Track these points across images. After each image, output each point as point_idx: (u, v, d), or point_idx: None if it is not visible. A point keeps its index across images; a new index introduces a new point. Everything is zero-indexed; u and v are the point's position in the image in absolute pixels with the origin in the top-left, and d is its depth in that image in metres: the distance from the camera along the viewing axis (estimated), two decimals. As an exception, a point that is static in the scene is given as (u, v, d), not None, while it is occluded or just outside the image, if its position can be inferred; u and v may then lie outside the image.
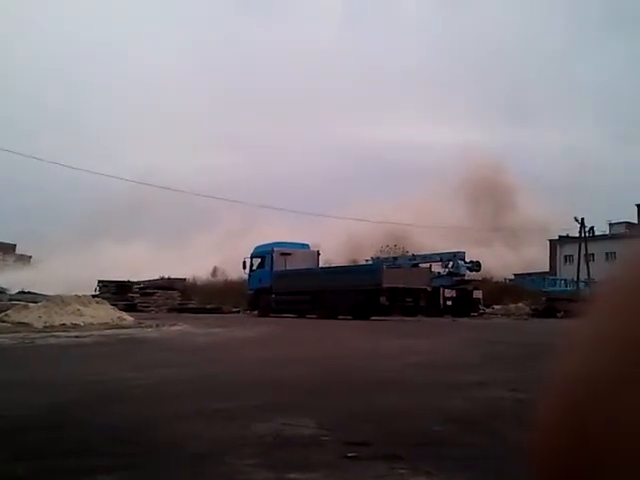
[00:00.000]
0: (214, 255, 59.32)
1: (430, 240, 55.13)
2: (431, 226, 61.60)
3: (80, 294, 23.13)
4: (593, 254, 70.22)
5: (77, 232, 64.31)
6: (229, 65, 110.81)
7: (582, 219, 64.59)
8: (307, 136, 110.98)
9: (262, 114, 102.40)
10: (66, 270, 50.94)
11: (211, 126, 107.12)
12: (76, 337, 15.36)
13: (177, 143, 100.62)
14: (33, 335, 15.52)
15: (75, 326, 18.43)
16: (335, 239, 56.17)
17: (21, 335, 15.46)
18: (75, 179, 73.08)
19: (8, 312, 19.43)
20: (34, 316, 18.82)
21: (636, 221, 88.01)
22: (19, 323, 18.04)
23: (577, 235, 66.93)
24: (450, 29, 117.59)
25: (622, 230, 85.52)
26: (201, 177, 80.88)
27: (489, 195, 77.39)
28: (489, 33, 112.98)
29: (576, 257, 65.94)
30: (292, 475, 3.60)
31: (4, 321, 18.42)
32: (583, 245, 64.10)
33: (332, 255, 45.92)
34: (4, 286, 46.86)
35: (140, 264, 53.65)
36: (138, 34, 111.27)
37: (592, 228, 66.86)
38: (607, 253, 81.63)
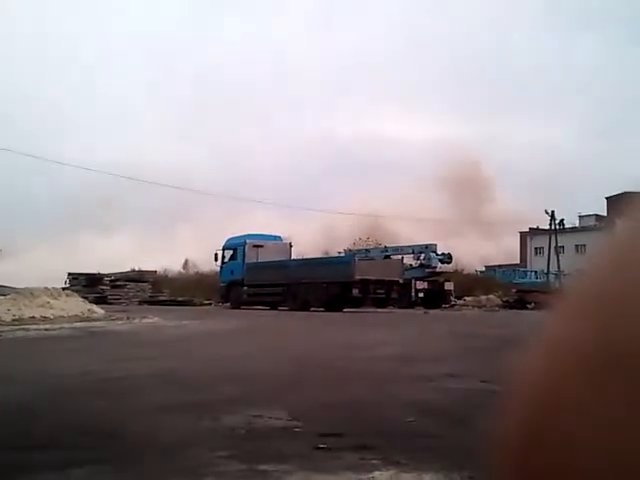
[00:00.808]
0: (186, 248, 59.14)
1: (409, 233, 55.39)
2: (408, 218, 62.04)
3: (50, 287, 22.90)
4: (563, 246, 71.05)
5: (47, 224, 63.72)
6: (202, 59, 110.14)
7: (552, 212, 65.31)
8: (284, 130, 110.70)
9: (239, 108, 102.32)
10: (35, 263, 50.41)
11: (185, 118, 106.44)
12: (46, 330, 15.21)
13: (149, 134, 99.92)
14: (1, 328, 15.32)
15: (45, 319, 18.24)
16: (312, 232, 56.27)
17: (-11, 328, 15.28)
18: (44, 170, 72.18)
19: (-24, 305, 19.18)
20: (2, 309, 18.57)
21: (605, 214, 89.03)
22: (-13, 316, 17.81)
23: (547, 227, 67.58)
24: (425, 22, 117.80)
25: (592, 223, 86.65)
26: (175, 169, 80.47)
27: (467, 188, 77.93)
28: (465, 27, 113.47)
29: (546, 249, 66.67)
30: (264, 466, 3.59)
31: (-28, 314, 18.18)
32: (553, 237, 64.75)
33: (310, 248, 46.05)
34: (-28, 279, 46.26)
35: (111, 256, 53.32)
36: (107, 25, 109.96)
37: (562, 221, 67.60)
38: (577, 245, 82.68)
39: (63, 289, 26.45)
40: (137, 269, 51.84)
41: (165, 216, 72.93)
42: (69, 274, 46.54)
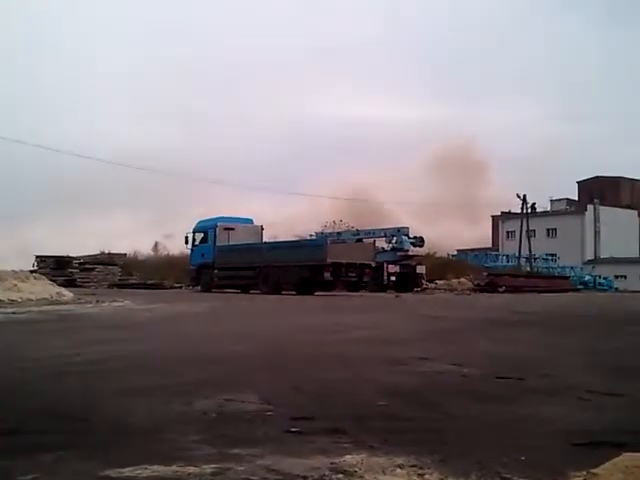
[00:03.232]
0: (155, 230, 58.80)
1: (394, 216, 55.59)
2: (392, 201, 62.27)
3: (17, 269, 22.65)
4: (534, 230, 71.74)
5: (12, 207, 62.91)
6: (180, 37, 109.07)
7: (524, 196, 65.92)
8: (268, 111, 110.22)
9: (219, 88, 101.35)
10: (1, 245, 49.81)
11: (159, 98, 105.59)
12: (13, 313, 15.04)
13: (119, 113, 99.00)
14: (-33, 311, 15.14)
15: (12, 302, 18.04)
16: (298, 216, 56.07)
17: (-46, 311, 15.08)
18: (7, 151, 71.11)
19: (-60, 288, 18.91)
20: (-32, 292, 18.35)
21: (576, 198, 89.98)
22: (-49, 299, 17.57)
23: (519, 212, 68.11)
24: (405, 5, 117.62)
25: (563, 207, 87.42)
26: (148, 150, 79.88)
27: (447, 171, 78.28)
28: (448, 9, 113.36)
29: (518, 233, 67.16)
30: (235, 450, 3.56)
31: None
32: (525, 221, 65.26)
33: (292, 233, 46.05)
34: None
35: (79, 239, 52.83)
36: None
37: (534, 205, 68.13)
38: (548, 229, 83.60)
39: (31, 272, 26.19)
40: (107, 252, 51.42)
41: (134, 198, 72.44)
42: (37, 257, 46.02)
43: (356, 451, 3.53)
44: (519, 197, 65.99)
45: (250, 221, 38.18)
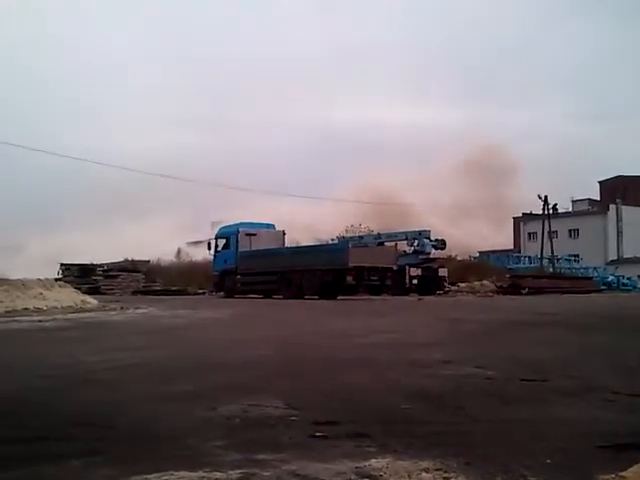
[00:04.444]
0: (178, 236, 58.99)
1: (419, 218, 55.47)
2: (421, 204, 62.16)
3: (42, 277, 22.84)
4: (556, 231, 71.16)
5: (37, 215, 63.49)
6: (197, 43, 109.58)
7: (545, 196, 65.37)
8: (294, 116, 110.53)
9: (236, 92, 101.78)
10: (28, 254, 50.26)
11: (177, 105, 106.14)
12: (39, 321, 15.16)
13: (138, 121, 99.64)
14: (-6, 320, 15.30)
15: (38, 310, 18.19)
16: (329, 219, 56.03)
17: (-19, 320, 15.24)
18: (28, 160, 71.69)
19: (-33, 297, 19.10)
20: (-5, 300, 18.53)
21: (598, 198, 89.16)
22: (-21, 308, 17.75)
23: (540, 213, 67.57)
24: (428, 6, 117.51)
25: (584, 207, 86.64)
26: (168, 157, 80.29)
27: (479, 173, 77.75)
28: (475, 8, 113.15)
29: (539, 234, 66.64)
30: (260, 456, 3.57)
31: (-36, 306, 18.11)
32: (546, 222, 64.76)
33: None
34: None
35: (103, 247, 53.15)
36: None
37: (555, 205, 67.53)
38: (570, 230, 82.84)
39: (56, 280, 26.41)
40: (130, 259, 51.70)
41: (156, 205, 72.82)
42: (61, 265, 46.42)
43: (381, 455, 3.54)
44: (540, 198, 65.50)
45: (272, 226, 38.22)
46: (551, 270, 61.16)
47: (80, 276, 43.83)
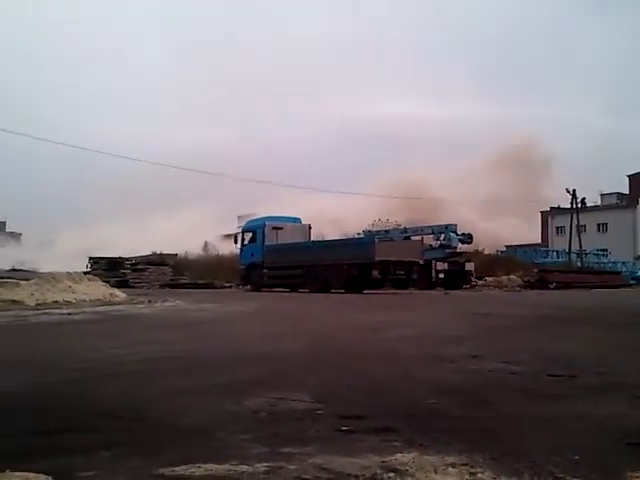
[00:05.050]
0: (207, 230, 59.27)
1: (451, 212, 55.25)
2: (452, 199, 61.88)
3: (71, 271, 23.08)
4: (585, 225, 70.50)
5: (66, 209, 64.17)
6: (226, 43, 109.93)
7: (573, 190, 64.75)
8: (326, 111, 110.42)
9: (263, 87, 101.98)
10: (57, 247, 50.78)
11: (209, 100, 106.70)
12: (69, 314, 15.33)
13: (169, 117, 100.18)
14: (25, 313, 15.49)
15: (67, 303, 18.40)
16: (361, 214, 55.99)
17: (13, 313, 15.43)
18: (63, 156, 72.48)
19: (-1, 290, 19.36)
20: (26, 294, 18.76)
21: (627, 192, 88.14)
22: (11, 301, 17.97)
23: (568, 207, 66.95)
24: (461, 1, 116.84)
25: (613, 201, 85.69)
26: (199, 152, 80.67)
27: (512, 168, 77.26)
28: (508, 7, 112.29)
29: (567, 228, 66.04)
30: (287, 449, 3.59)
31: (-4, 299, 18.36)
32: (575, 216, 64.15)
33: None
34: (-5, 263, 46.75)
35: (131, 240, 53.56)
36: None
37: (583, 199, 66.90)
38: (598, 224, 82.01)
39: (85, 273, 26.67)
40: (158, 252, 52.07)
41: (184, 199, 73.22)
42: (90, 258, 46.90)
43: (407, 450, 3.54)
44: (568, 192, 64.88)
45: (298, 220, 38.29)
46: (579, 265, 60.60)
47: (108, 269, 44.25)
